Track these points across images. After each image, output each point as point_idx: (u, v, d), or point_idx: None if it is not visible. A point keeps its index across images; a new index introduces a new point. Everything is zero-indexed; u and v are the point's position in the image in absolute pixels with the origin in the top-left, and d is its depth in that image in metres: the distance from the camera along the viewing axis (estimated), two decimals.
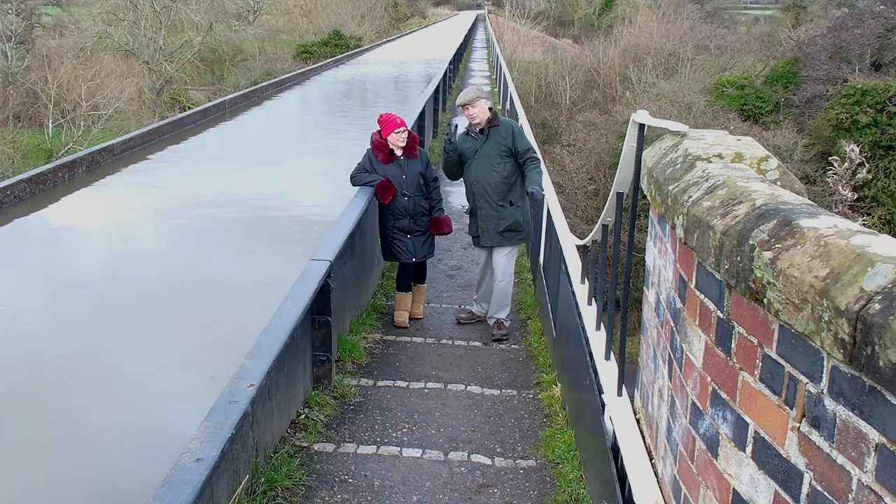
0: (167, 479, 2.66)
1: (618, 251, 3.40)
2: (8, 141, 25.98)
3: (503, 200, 5.97)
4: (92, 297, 6.97)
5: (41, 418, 5.02)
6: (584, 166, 24.75)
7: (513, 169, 5.95)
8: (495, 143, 5.92)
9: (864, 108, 25.04)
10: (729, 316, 1.82)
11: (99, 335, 6.23)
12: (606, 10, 58.14)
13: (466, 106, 5.95)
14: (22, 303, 6.82)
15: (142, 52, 37.88)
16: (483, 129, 5.97)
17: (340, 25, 48.88)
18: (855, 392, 1.31)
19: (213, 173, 11.78)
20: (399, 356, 5.80)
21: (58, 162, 10.38)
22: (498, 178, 5.94)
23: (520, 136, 5.99)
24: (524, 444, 4.55)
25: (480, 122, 5.96)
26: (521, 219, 6.07)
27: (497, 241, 6.11)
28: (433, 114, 14.90)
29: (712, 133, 2.52)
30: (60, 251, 8.14)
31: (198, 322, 6.35)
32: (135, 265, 7.77)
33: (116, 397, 5.27)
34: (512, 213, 6.01)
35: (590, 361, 3.74)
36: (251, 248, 8.25)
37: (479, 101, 5.94)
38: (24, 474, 4.46)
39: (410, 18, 70.19)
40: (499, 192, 5.96)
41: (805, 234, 1.51)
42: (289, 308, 4.18)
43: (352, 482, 3.99)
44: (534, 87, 37.79)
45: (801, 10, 48.46)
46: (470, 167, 6.06)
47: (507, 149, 5.91)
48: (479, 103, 5.94)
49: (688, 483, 2.12)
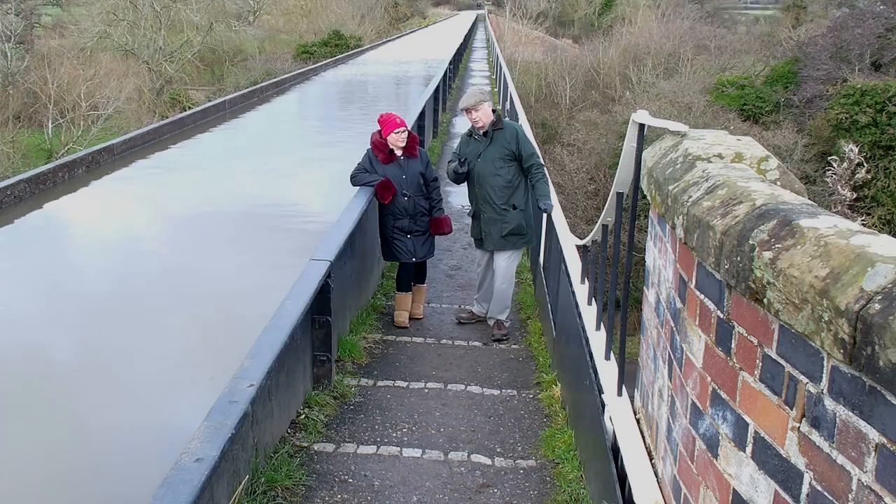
0: (167, 479, 2.66)
1: (618, 251, 3.40)
2: (8, 141, 25.97)
3: (506, 204, 5.93)
4: (91, 296, 6.97)
5: (43, 417, 5.03)
6: (584, 166, 24.73)
7: (516, 172, 5.92)
8: (499, 147, 5.88)
9: (863, 108, 25.01)
10: (729, 316, 1.82)
11: (99, 334, 6.23)
12: (606, 10, 58.14)
13: (470, 110, 5.91)
14: (22, 302, 6.82)
15: (142, 52, 37.86)
16: (487, 132, 5.95)
17: (340, 25, 48.86)
18: (855, 392, 1.31)
19: (213, 173, 11.79)
20: (399, 356, 5.80)
21: (58, 162, 10.39)
22: (501, 181, 5.90)
23: (524, 141, 5.95)
24: (524, 444, 4.55)
25: (484, 125, 5.92)
26: (524, 223, 6.02)
27: (501, 246, 6.06)
28: (433, 114, 14.90)
29: (712, 133, 2.52)
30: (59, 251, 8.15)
31: (197, 321, 6.36)
32: (135, 265, 7.77)
33: (119, 396, 5.28)
34: (515, 217, 5.96)
35: (590, 361, 3.74)
36: (251, 249, 8.25)
37: (482, 104, 5.89)
38: (27, 472, 4.47)
39: (410, 18, 70.19)
40: (502, 196, 5.92)
41: (805, 234, 1.51)
42: (289, 308, 4.18)
43: (352, 482, 3.99)
44: (534, 87, 37.78)
45: (801, 10, 48.45)
46: (473, 170, 6.02)
47: (510, 153, 5.87)
48: (483, 107, 5.89)
49: (688, 483, 2.12)
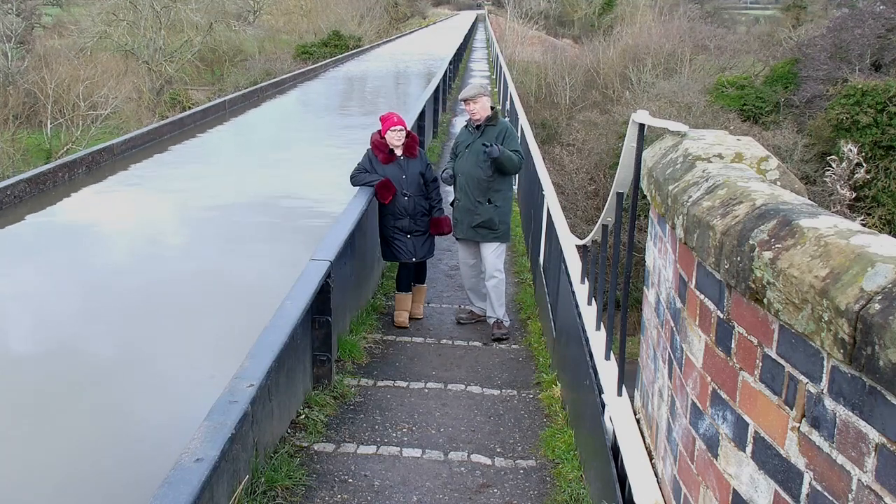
0: (167, 478, 2.66)
1: (618, 251, 3.40)
2: (8, 141, 25.98)
3: (482, 197, 6.05)
4: (124, 294, 7.01)
5: (84, 412, 5.11)
6: (584, 166, 24.73)
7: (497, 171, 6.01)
8: (485, 141, 5.97)
9: (864, 108, 25.01)
10: (729, 316, 1.82)
11: (133, 331, 6.28)
12: (606, 10, 58.13)
13: (468, 101, 6.03)
14: (58, 300, 6.89)
15: (142, 52, 37.87)
16: (480, 125, 6.03)
17: (340, 25, 48.85)
18: (855, 392, 1.31)
19: (213, 173, 11.79)
20: (399, 356, 5.80)
21: (58, 162, 10.40)
22: (481, 174, 6.01)
23: (510, 138, 6.04)
24: (524, 444, 4.54)
25: (479, 118, 6.03)
26: (496, 218, 6.11)
27: (470, 235, 6.20)
28: (433, 114, 14.91)
29: (712, 133, 2.52)
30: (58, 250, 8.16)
31: (226, 318, 6.38)
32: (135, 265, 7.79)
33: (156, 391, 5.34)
34: (487, 211, 6.07)
35: (590, 361, 3.74)
36: (252, 248, 8.26)
37: (481, 97, 6.02)
38: (67, 464, 4.54)
39: (410, 18, 70.15)
40: (480, 189, 6.04)
41: (805, 234, 1.51)
42: (289, 308, 4.18)
43: (352, 482, 3.99)
44: (534, 87, 37.77)
45: (801, 10, 48.46)
46: (459, 160, 6.16)
47: None
48: (481, 100, 6.01)
49: (688, 483, 2.12)
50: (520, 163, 6.08)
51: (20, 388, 5.39)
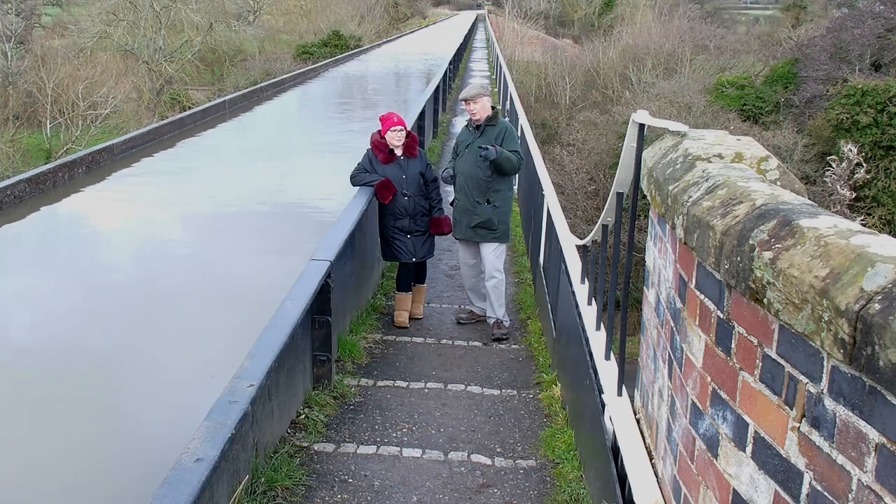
0: (167, 478, 2.66)
1: (618, 251, 3.40)
2: (7, 141, 25.97)
3: (481, 198, 6.06)
4: (123, 292, 7.01)
5: (84, 410, 5.12)
6: (584, 166, 24.72)
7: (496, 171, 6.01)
8: (485, 141, 5.99)
9: (864, 108, 25.02)
10: (729, 316, 1.82)
11: (132, 330, 6.28)
12: (606, 10, 58.12)
13: (469, 101, 6.03)
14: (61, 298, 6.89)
15: (142, 52, 37.87)
16: (480, 125, 6.03)
17: (340, 25, 48.84)
18: (855, 392, 1.31)
19: (213, 173, 11.80)
20: (399, 356, 5.80)
21: (58, 162, 10.40)
22: (481, 174, 6.02)
23: (509, 139, 6.03)
24: (524, 444, 4.54)
25: (480, 118, 6.04)
26: (495, 219, 6.11)
27: (469, 236, 6.21)
28: (433, 114, 14.90)
29: (712, 133, 2.51)
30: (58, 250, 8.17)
31: (227, 317, 6.38)
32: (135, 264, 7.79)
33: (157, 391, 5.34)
34: (486, 212, 6.07)
35: (590, 361, 3.74)
36: (252, 248, 8.26)
37: (481, 97, 6.01)
38: (67, 464, 4.54)
39: (410, 18, 70.15)
40: (479, 189, 6.04)
41: (805, 234, 1.51)
42: (289, 308, 4.18)
43: (352, 482, 3.99)
44: (534, 87, 37.76)
45: (801, 10, 48.48)
46: (459, 160, 6.16)
47: None
48: (482, 100, 6.01)
49: (688, 483, 2.12)
50: (519, 163, 6.08)
51: (20, 388, 5.40)
